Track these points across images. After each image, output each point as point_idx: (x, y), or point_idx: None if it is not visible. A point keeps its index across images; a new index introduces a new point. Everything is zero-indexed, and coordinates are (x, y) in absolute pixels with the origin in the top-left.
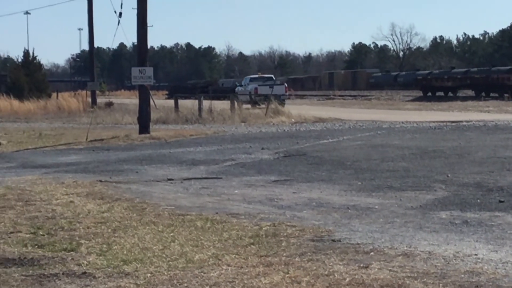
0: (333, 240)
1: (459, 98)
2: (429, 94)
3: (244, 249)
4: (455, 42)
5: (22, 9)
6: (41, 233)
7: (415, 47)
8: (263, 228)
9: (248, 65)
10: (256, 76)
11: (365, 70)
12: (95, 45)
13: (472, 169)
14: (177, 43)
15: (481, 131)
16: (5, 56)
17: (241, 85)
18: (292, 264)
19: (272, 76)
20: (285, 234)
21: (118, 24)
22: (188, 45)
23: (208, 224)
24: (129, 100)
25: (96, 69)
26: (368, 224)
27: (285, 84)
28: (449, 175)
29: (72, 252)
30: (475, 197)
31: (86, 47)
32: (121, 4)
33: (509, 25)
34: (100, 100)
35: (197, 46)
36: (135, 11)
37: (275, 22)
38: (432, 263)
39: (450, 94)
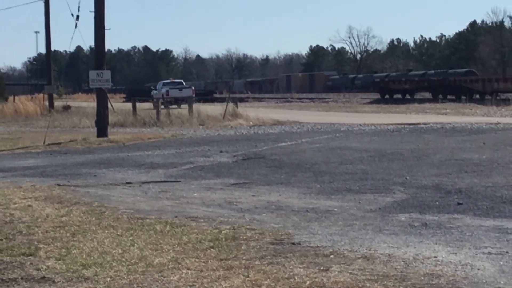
0: (293, 243)
1: (416, 100)
2: (387, 96)
3: (204, 252)
4: (412, 44)
5: None
6: None
7: (372, 50)
8: (223, 232)
9: (205, 68)
10: (168, 81)
11: (322, 73)
12: (52, 48)
13: (430, 172)
14: (135, 46)
15: (438, 133)
16: None
17: (155, 89)
18: (252, 268)
19: (182, 81)
20: (244, 237)
21: (76, 27)
22: (146, 48)
23: (168, 228)
24: (87, 103)
25: (53, 72)
26: (327, 227)
27: (192, 87)
28: (407, 177)
29: (30, 257)
30: (434, 200)
31: (43, 50)
32: (79, 7)
33: (465, 27)
34: (58, 103)
35: (154, 49)
36: (93, 14)
37: (232, 25)
38: (392, 266)
39: (407, 96)
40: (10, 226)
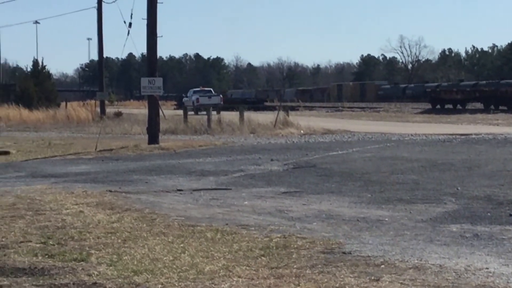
0: (344, 253)
1: (468, 110)
2: (438, 106)
3: (255, 260)
4: (463, 54)
5: (32, 18)
6: (51, 242)
7: (423, 60)
8: (274, 240)
9: (256, 76)
10: (198, 89)
11: (373, 82)
12: (104, 55)
13: (482, 182)
14: (186, 54)
15: (490, 144)
16: (14, 65)
17: (187, 97)
18: (303, 276)
19: (211, 89)
20: (295, 246)
21: (128, 34)
22: (197, 55)
23: (218, 235)
24: (138, 110)
25: (105, 79)
26: (378, 236)
27: (221, 95)
28: (459, 188)
29: (82, 262)
30: (485, 211)
31: (95, 56)
32: (131, 14)
33: None
34: (109, 110)
35: (206, 57)
36: (144, 22)
37: (284, 33)
38: (443, 277)
39: (459, 106)
40: (62, 231)
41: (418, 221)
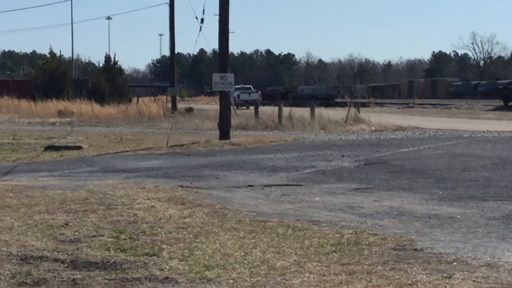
0: (415, 249)
1: None
2: (510, 103)
3: (326, 256)
4: None
5: (104, 14)
6: (123, 237)
7: (496, 56)
8: (345, 236)
9: (327, 72)
10: (239, 86)
11: (445, 79)
12: (176, 51)
13: None
14: (257, 50)
15: None
16: (87, 61)
17: None
18: (374, 273)
19: (251, 86)
20: (367, 242)
21: (200, 30)
22: (268, 51)
23: (290, 231)
24: (209, 106)
25: (176, 74)
26: (450, 233)
27: (259, 92)
28: None
29: (154, 257)
30: None
31: (166, 52)
32: (203, 10)
33: None
34: (180, 105)
35: (276, 53)
36: (216, 17)
37: (355, 30)
38: None
39: None
40: (134, 226)
41: (490, 219)
